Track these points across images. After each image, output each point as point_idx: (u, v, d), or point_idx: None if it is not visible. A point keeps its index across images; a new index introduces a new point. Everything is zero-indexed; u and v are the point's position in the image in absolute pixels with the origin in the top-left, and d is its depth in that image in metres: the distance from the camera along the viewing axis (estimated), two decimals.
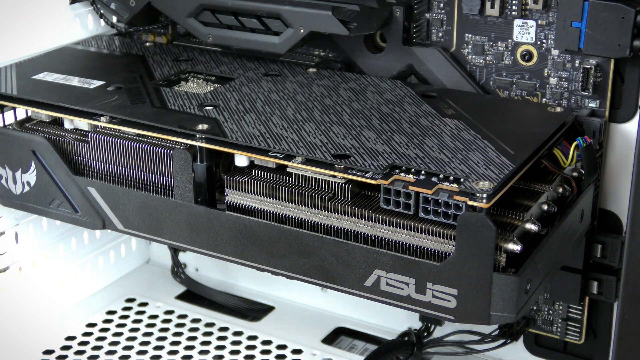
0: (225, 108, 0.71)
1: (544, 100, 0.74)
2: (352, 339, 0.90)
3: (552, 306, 0.78)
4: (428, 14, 0.77)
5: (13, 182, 0.75)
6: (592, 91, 0.71)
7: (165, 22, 0.91)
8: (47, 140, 0.72)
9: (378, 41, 0.81)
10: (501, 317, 0.57)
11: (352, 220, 0.62)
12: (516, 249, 0.58)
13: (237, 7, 0.80)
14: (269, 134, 0.65)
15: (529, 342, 0.81)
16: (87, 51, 0.87)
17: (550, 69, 0.73)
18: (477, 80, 0.77)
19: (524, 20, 0.73)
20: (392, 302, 0.61)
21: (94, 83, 0.77)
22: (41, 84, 0.77)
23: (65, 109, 0.72)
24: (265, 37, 0.80)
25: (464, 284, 0.57)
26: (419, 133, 0.66)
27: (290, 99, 0.73)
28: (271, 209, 0.64)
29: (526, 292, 0.58)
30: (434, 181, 0.58)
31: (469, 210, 0.56)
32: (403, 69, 0.78)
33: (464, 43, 0.77)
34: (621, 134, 0.72)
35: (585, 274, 0.74)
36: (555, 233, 0.62)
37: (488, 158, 0.61)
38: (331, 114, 0.70)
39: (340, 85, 0.76)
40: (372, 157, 0.62)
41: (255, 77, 0.79)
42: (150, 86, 0.76)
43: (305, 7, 0.77)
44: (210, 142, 0.65)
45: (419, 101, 0.73)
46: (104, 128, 0.71)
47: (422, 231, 0.59)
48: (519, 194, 0.65)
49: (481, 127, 0.67)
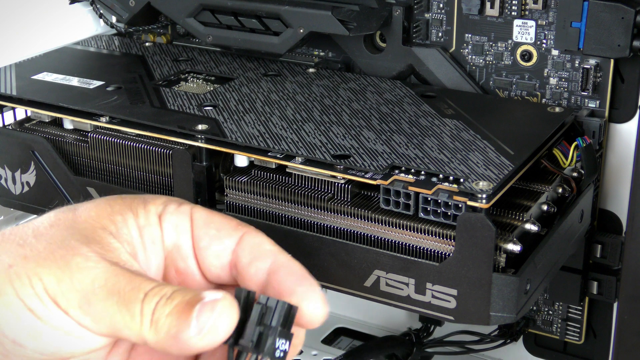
0: (224, 108, 0.71)
1: (544, 100, 0.74)
2: (352, 339, 0.90)
3: (552, 306, 0.78)
4: (428, 14, 0.77)
5: (12, 182, 0.75)
6: (591, 91, 0.71)
7: (164, 22, 0.91)
8: (47, 140, 0.72)
9: (378, 41, 0.81)
10: (501, 318, 0.57)
11: (351, 221, 0.62)
12: (516, 250, 0.58)
13: (237, 7, 0.80)
14: (269, 134, 0.65)
15: (529, 342, 0.81)
16: (87, 51, 0.87)
17: (550, 69, 0.73)
18: (477, 80, 0.77)
19: (523, 20, 0.73)
20: (391, 302, 0.61)
21: (94, 83, 0.77)
22: (41, 84, 0.77)
23: (65, 109, 0.72)
24: (264, 37, 0.80)
25: (464, 285, 0.57)
26: (418, 133, 0.66)
27: (289, 99, 0.73)
28: (271, 209, 0.64)
29: (526, 292, 0.58)
30: (433, 181, 0.58)
31: (468, 211, 0.56)
32: (403, 69, 0.78)
33: (464, 43, 0.77)
34: (621, 134, 0.72)
35: (585, 274, 0.74)
36: (555, 233, 0.62)
37: (488, 158, 0.61)
38: (331, 114, 0.70)
39: (340, 86, 0.76)
40: (372, 158, 0.62)
41: (254, 77, 0.79)
42: (150, 86, 0.76)
43: (305, 7, 0.77)
44: (209, 142, 0.65)
45: (419, 101, 0.73)
46: (104, 128, 0.71)
47: (421, 231, 0.59)
48: (519, 194, 0.64)
49: (481, 127, 0.67)
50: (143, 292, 0.44)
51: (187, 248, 0.50)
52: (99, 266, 0.45)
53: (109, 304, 0.44)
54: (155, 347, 0.44)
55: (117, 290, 0.44)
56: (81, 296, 0.44)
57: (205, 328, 0.42)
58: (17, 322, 0.44)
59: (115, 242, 0.47)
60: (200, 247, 0.50)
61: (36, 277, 0.44)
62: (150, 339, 0.43)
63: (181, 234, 0.50)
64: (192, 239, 0.50)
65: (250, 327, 0.43)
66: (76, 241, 0.46)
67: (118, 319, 0.43)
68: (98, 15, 0.91)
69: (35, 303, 0.44)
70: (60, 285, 0.44)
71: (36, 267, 0.44)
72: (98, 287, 0.44)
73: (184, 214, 0.50)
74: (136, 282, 0.44)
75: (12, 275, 0.44)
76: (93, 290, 0.44)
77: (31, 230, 0.47)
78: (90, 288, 0.44)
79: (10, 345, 0.44)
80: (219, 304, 0.43)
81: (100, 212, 0.49)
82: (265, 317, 0.43)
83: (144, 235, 0.49)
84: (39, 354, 0.45)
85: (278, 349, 0.43)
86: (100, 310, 0.44)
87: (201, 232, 0.50)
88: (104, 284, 0.44)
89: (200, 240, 0.50)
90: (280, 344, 0.43)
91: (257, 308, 0.44)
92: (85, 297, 0.44)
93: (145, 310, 0.43)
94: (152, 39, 0.91)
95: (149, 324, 0.43)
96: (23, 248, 0.46)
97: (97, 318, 0.44)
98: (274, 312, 0.44)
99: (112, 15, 0.90)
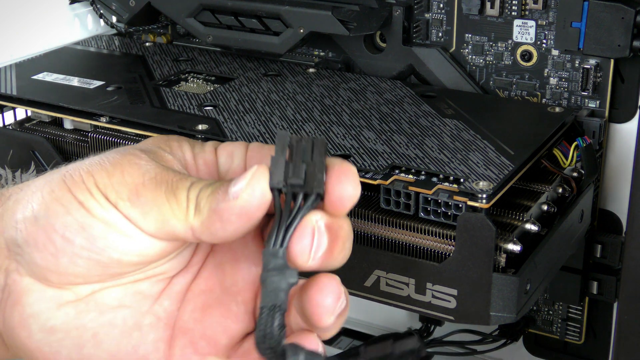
0: (224, 108, 0.71)
1: (544, 100, 0.74)
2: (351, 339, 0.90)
3: (552, 306, 0.78)
4: (428, 14, 0.77)
5: (13, 182, 0.75)
6: (591, 91, 0.71)
7: (165, 22, 0.91)
8: (47, 140, 0.72)
9: (378, 41, 0.81)
10: (501, 318, 0.57)
11: (352, 221, 0.61)
12: (516, 249, 0.58)
13: (237, 7, 0.80)
14: (269, 134, 0.65)
15: (529, 342, 0.81)
16: (87, 51, 0.87)
17: (550, 69, 0.73)
18: (477, 80, 0.77)
19: (523, 20, 0.73)
20: (392, 302, 0.61)
21: (94, 83, 0.77)
22: (41, 84, 0.77)
23: (65, 109, 0.72)
24: (265, 37, 0.80)
25: (464, 284, 0.57)
26: (418, 133, 0.66)
27: (290, 99, 0.73)
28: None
29: (526, 292, 0.58)
30: (433, 181, 0.58)
31: (468, 211, 0.56)
32: (403, 69, 0.78)
33: (464, 43, 0.77)
34: (621, 134, 0.72)
35: (585, 274, 0.74)
36: (555, 233, 0.62)
37: (488, 158, 0.61)
38: (331, 114, 0.70)
39: (340, 86, 0.76)
40: (372, 158, 0.62)
41: (255, 77, 0.79)
42: (150, 86, 0.76)
43: (305, 7, 0.77)
44: None
45: (419, 101, 0.73)
46: (104, 128, 0.71)
47: (421, 231, 0.59)
48: (519, 194, 0.64)
49: (481, 127, 0.67)
50: (190, 181, 0.45)
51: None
52: (150, 164, 0.46)
53: (157, 193, 0.45)
54: (201, 232, 0.44)
55: (166, 180, 0.45)
56: (131, 188, 0.45)
57: (242, 188, 0.43)
58: (67, 216, 0.44)
59: (168, 156, 0.49)
60: (224, 172, 0.51)
61: (88, 173, 0.45)
62: (195, 223, 0.44)
63: (235, 160, 0.50)
64: (245, 167, 0.51)
65: (293, 166, 0.43)
66: (132, 149, 0.48)
67: (166, 208, 0.44)
68: (98, 15, 0.91)
69: (85, 195, 0.45)
70: (111, 179, 0.45)
71: (89, 166, 0.46)
72: (148, 180, 0.45)
73: (241, 145, 0.51)
74: (182, 175, 0.46)
75: (65, 174, 0.46)
76: (143, 182, 0.45)
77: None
78: (140, 180, 0.45)
79: (60, 242, 0.45)
80: (250, 170, 0.44)
81: (156, 139, 0.51)
82: (305, 155, 0.44)
83: (197, 160, 0.50)
84: (87, 251, 0.45)
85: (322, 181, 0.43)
86: (149, 200, 0.44)
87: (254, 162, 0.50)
88: (153, 177, 0.45)
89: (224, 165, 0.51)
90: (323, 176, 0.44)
91: (296, 146, 0.44)
92: (135, 189, 0.45)
93: (190, 196, 0.44)
94: (152, 39, 0.91)
95: (194, 209, 0.44)
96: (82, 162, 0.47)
97: (146, 210, 0.44)
98: (313, 149, 0.44)
99: (112, 15, 0.90)
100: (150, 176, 0.45)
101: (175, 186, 0.45)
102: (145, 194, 0.45)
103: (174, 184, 0.45)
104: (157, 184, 0.45)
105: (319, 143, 0.44)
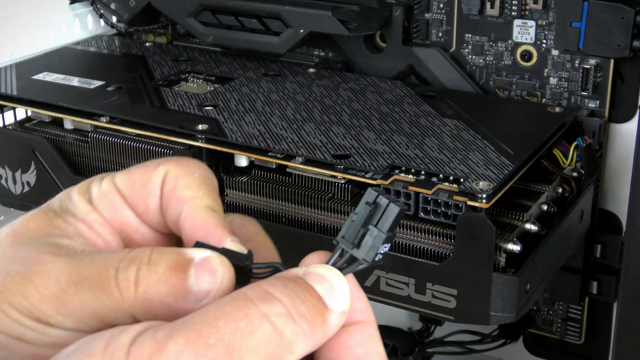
0: (225, 108, 0.71)
1: (544, 100, 0.74)
2: None
3: (552, 306, 0.78)
4: (428, 14, 0.77)
5: (13, 182, 0.75)
6: (591, 91, 0.71)
7: (165, 22, 0.91)
8: (47, 140, 0.72)
9: (378, 41, 0.81)
10: (501, 317, 0.57)
11: None
12: (516, 249, 0.58)
13: (237, 7, 0.80)
14: (269, 134, 0.65)
15: (529, 342, 0.81)
16: (87, 51, 0.87)
17: (550, 69, 0.73)
18: (477, 80, 0.77)
19: (523, 20, 0.73)
20: (392, 302, 0.61)
21: (94, 83, 0.77)
22: (41, 84, 0.77)
23: (65, 109, 0.72)
24: (265, 37, 0.80)
25: (464, 284, 0.57)
26: (418, 133, 0.66)
27: (290, 99, 0.73)
28: (271, 209, 0.64)
29: (526, 292, 0.58)
30: (433, 181, 0.58)
31: (468, 211, 0.56)
32: (403, 69, 0.78)
33: (464, 43, 0.77)
34: (621, 134, 0.72)
35: (585, 274, 0.74)
36: (555, 233, 0.62)
37: (488, 158, 0.61)
38: (331, 114, 0.70)
39: (340, 86, 0.76)
40: (372, 157, 0.62)
41: (255, 77, 0.79)
42: (150, 86, 0.76)
43: (305, 7, 0.77)
44: (210, 142, 0.65)
45: (419, 101, 0.73)
46: (104, 128, 0.71)
47: (421, 231, 0.59)
48: (519, 194, 0.65)
49: (481, 127, 0.67)
50: (113, 267, 0.41)
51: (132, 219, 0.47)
52: (56, 264, 0.42)
53: (82, 294, 0.41)
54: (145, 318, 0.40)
55: (84, 277, 0.41)
56: (53, 302, 0.41)
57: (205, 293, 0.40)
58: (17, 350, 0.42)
59: (63, 240, 0.44)
60: (140, 213, 0.47)
61: (6, 303, 0.41)
62: (138, 312, 0.40)
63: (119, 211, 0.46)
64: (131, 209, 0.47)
65: (354, 227, 0.41)
66: (25, 252, 0.43)
67: (97, 305, 0.40)
68: (98, 15, 0.91)
69: (20, 330, 0.41)
70: (30, 300, 0.41)
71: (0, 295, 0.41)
72: (65, 284, 0.41)
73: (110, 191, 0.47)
74: (99, 261, 0.41)
75: None
76: (62, 290, 0.41)
77: None
78: (58, 289, 0.41)
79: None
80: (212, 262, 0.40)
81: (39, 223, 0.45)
82: (373, 218, 0.41)
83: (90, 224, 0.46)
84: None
85: (379, 253, 0.41)
86: (77, 305, 0.41)
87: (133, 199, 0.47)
88: (69, 279, 0.41)
89: (137, 207, 0.47)
90: (382, 247, 0.41)
91: (366, 208, 0.41)
92: (58, 299, 0.41)
93: (122, 284, 0.40)
94: (152, 39, 0.91)
95: (133, 297, 0.40)
96: None
97: (79, 315, 0.41)
98: (382, 214, 0.41)
99: (112, 15, 0.90)
100: (65, 279, 0.41)
101: (97, 279, 0.41)
102: (70, 300, 0.41)
103: (94, 277, 0.41)
104: (76, 286, 0.41)
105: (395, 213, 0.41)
